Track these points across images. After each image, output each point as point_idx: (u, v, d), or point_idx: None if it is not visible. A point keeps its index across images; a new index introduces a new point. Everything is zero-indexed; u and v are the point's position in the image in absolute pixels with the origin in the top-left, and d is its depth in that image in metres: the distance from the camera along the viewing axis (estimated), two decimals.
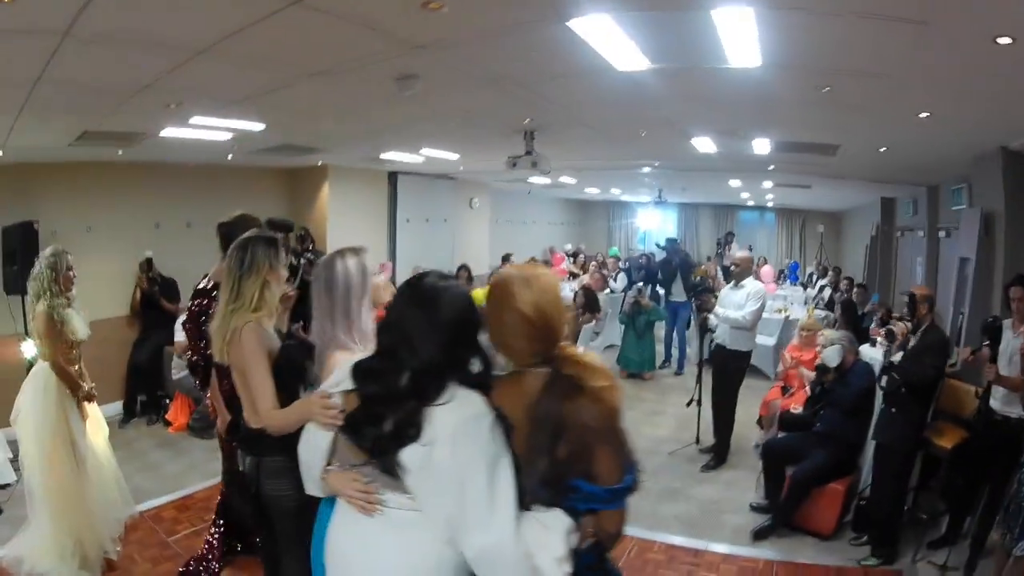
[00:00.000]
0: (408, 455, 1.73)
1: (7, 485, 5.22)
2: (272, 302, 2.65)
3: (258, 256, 2.61)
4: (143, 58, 3.63)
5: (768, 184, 11.43)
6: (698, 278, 6.89)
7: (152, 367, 7.13)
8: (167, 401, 7.04)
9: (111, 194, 7.23)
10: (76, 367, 4.10)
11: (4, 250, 6.24)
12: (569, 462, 1.76)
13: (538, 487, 1.77)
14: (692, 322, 8.63)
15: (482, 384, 1.81)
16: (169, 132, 5.69)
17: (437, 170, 10.37)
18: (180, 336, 6.47)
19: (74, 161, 6.81)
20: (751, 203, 16.89)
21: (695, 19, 3.10)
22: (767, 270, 12.87)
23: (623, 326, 9.37)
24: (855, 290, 9.54)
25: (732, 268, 6.60)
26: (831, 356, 4.96)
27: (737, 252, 7.68)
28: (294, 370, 2.59)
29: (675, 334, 9.58)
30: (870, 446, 4.86)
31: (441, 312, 1.78)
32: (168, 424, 6.84)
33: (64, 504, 3.88)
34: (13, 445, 4.82)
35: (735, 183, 11.87)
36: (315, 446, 2.01)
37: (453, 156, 8.57)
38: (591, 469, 1.77)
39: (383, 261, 9.59)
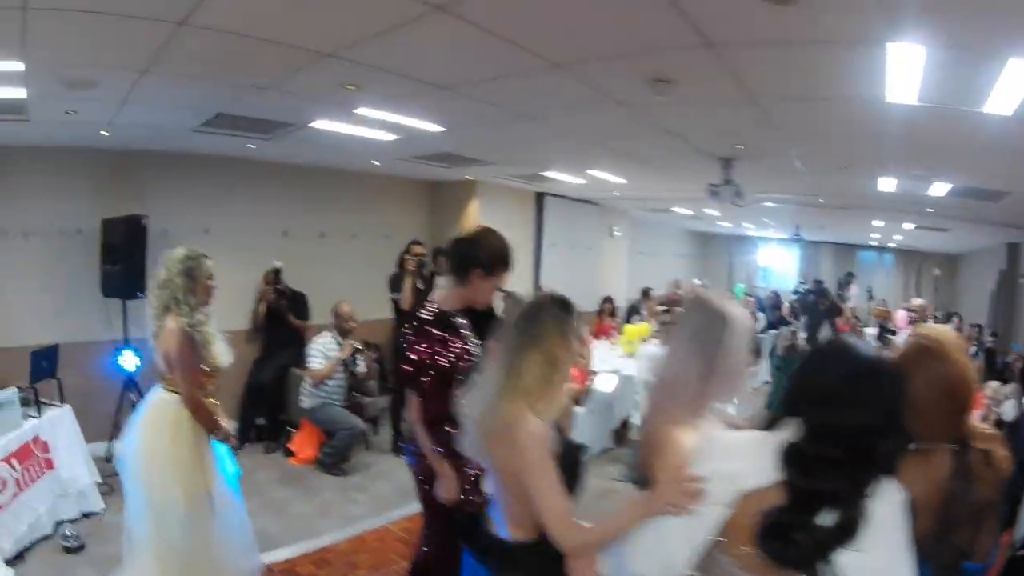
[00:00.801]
0: (844, 562, 1.42)
1: (91, 514, 4.50)
2: (557, 388, 1.93)
3: (547, 325, 1.92)
4: (339, 11, 2.81)
5: (909, 226, 10.56)
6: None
7: (275, 389, 6.25)
8: (290, 429, 6.19)
9: (233, 195, 6.55)
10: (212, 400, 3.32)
11: (104, 246, 5.52)
12: (966, 542, 1.70)
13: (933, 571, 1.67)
14: None
15: (892, 465, 1.51)
16: (322, 124, 4.91)
17: (586, 194, 9.50)
18: (317, 362, 5.68)
19: (192, 152, 6.06)
20: (873, 243, 15.89)
21: (982, 64, 2.92)
22: (902, 315, 11.67)
23: (776, 368, 8.72)
24: (989, 338, 9.00)
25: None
26: (1009, 411, 4.87)
27: (915, 300, 7.24)
28: (573, 475, 1.95)
29: None
30: None
31: (888, 384, 1.50)
32: (290, 454, 5.97)
33: (183, 560, 3.10)
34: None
35: (878, 223, 11.12)
36: (666, 558, 1.59)
37: (620, 180, 7.75)
38: (974, 546, 1.72)
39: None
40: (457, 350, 2.66)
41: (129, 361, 5.41)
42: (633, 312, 9.54)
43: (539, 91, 3.96)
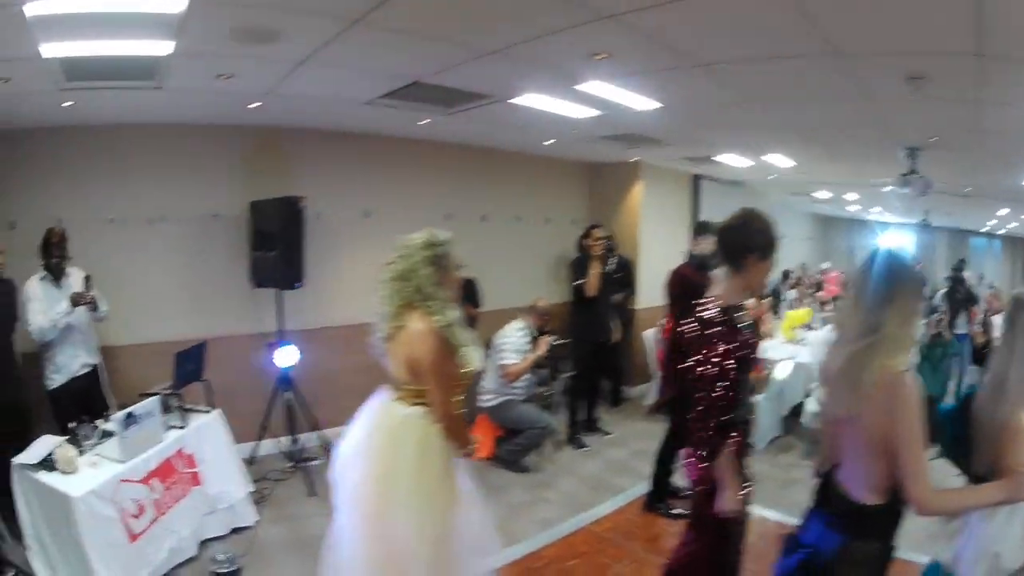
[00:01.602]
0: None
1: (242, 529, 3.99)
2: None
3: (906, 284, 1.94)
4: None
5: None
6: None
7: None
8: None
9: (394, 176, 5.90)
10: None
11: (254, 231, 4.92)
12: None
13: None
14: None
15: None
16: (526, 99, 4.31)
17: (739, 176, 8.78)
18: (511, 357, 5.18)
19: (349, 131, 5.48)
20: (985, 230, 15.71)
21: None
22: None
23: (920, 355, 8.00)
24: None
25: None
26: None
27: None
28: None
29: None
30: None
31: None
32: None
33: None
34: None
35: (1002, 211, 10.83)
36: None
37: (790, 163, 7.13)
38: None
39: None
40: (744, 348, 2.49)
41: (287, 357, 4.87)
42: (775, 295, 8.97)
43: (795, 75, 3.62)
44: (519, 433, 5.27)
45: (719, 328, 2.45)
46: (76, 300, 3.91)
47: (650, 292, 6.74)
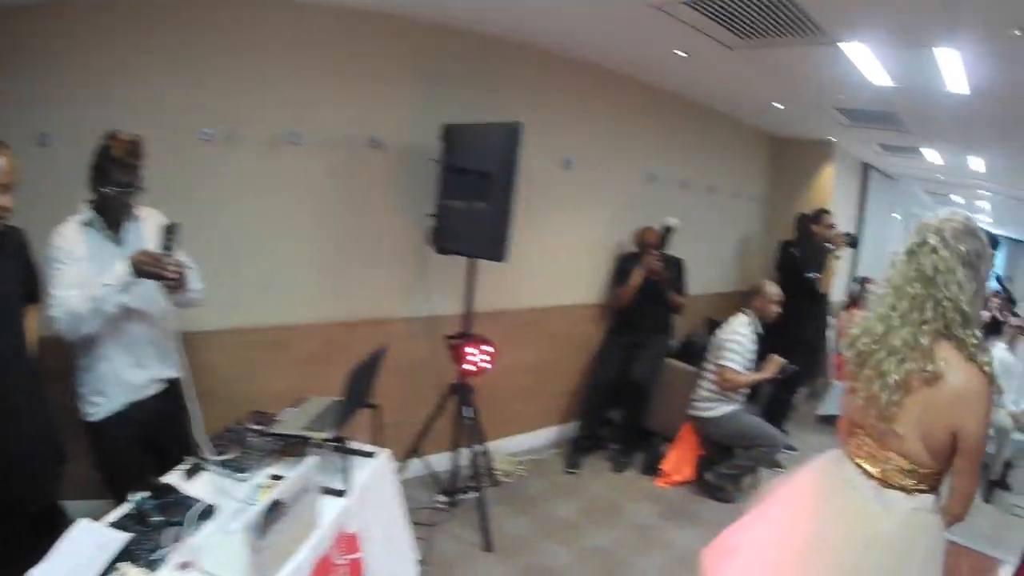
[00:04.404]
0: None
1: None
2: None
3: None
4: None
5: None
6: None
7: (643, 389, 4.28)
8: (660, 442, 4.26)
9: (601, 118, 4.34)
10: None
11: (447, 171, 3.22)
12: None
13: None
14: None
15: None
16: (854, 47, 3.18)
17: (916, 174, 8.09)
18: (734, 360, 3.86)
19: (575, 54, 3.97)
20: None
21: None
22: None
23: None
24: None
25: None
26: None
27: None
28: None
29: None
30: None
31: None
32: (654, 474, 4.10)
33: None
34: None
35: None
36: None
37: (980, 169, 6.16)
38: None
39: None
40: None
41: (480, 355, 3.33)
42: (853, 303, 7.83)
43: None
44: (728, 451, 3.94)
45: None
46: (143, 264, 1.96)
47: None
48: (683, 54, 3.53)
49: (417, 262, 3.45)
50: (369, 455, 2.29)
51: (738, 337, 3.85)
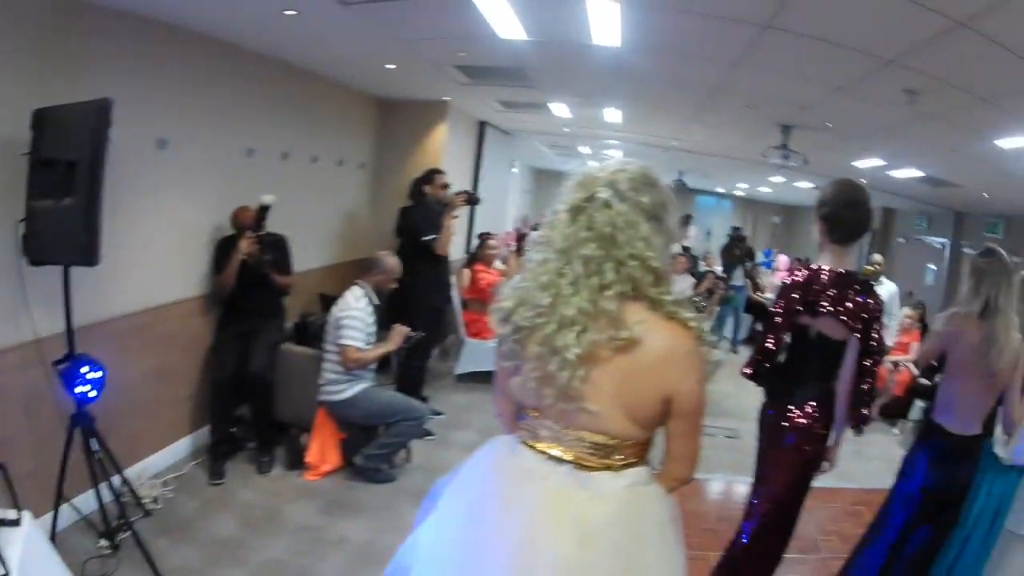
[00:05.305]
0: None
1: None
2: None
3: None
4: None
5: (778, 179, 10.43)
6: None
7: (266, 379, 4.01)
8: (298, 433, 4.06)
9: (201, 91, 3.92)
10: None
11: (36, 164, 2.76)
12: None
13: None
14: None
15: None
16: None
17: (551, 128, 8.27)
18: (355, 336, 3.79)
19: (159, 16, 3.47)
20: (719, 189, 16.39)
21: None
22: (783, 260, 11.95)
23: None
24: None
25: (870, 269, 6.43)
26: None
27: (875, 256, 7.23)
28: None
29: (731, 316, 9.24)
30: None
31: None
32: (301, 468, 3.91)
33: None
34: None
35: (776, 179, 10.60)
36: None
37: (616, 120, 6.55)
38: None
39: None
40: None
41: (88, 380, 2.89)
42: (473, 260, 8.27)
43: None
44: (372, 430, 3.90)
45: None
46: None
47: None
48: (292, 12, 3.30)
49: (12, 279, 2.81)
50: (15, 523, 2.00)
51: (354, 312, 3.77)
